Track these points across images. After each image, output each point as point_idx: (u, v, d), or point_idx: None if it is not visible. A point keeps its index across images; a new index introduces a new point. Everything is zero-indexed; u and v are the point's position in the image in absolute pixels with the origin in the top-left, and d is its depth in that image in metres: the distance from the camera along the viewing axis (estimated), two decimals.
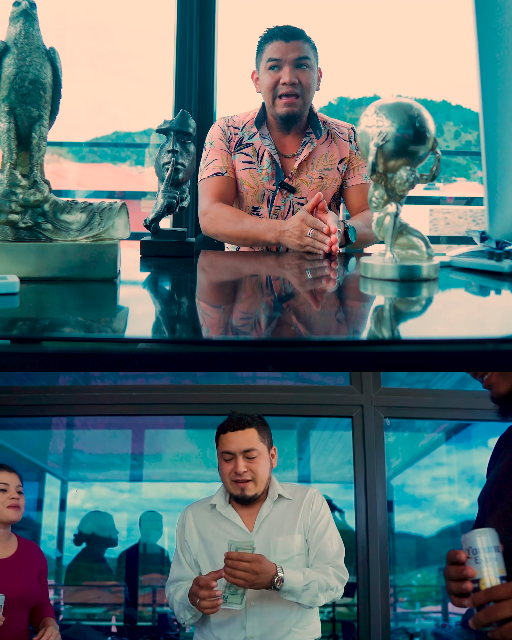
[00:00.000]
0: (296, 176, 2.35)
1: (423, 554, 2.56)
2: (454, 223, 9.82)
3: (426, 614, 2.57)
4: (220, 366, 1.04)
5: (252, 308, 1.33)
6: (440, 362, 1.07)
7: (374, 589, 2.24)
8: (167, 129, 1.86)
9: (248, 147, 2.37)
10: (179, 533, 1.73)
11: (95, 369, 1.03)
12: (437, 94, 9.88)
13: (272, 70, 2.29)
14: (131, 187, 7.05)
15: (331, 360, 1.06)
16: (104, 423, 2.52)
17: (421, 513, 2.52)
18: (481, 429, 2.57)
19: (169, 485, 2.55)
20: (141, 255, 1.85)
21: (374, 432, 2.33)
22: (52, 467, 2.53)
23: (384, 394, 2.37)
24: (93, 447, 2.54)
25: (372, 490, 2.29)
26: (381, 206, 1.53)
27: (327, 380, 2.46)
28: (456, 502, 2.53)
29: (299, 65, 2.28)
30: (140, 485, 2.57)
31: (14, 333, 1.08)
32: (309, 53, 2.31)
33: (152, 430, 2.56)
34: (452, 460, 2.60)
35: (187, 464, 2.54)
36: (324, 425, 2.51)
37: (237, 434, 1.67)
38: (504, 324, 1.25)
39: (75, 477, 2.54)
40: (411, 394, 2.41)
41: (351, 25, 8.97)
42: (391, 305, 1.34)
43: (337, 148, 2.37)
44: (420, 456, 2.59)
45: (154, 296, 1.49)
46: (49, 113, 1.49)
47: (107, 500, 2.38)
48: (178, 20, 3.19)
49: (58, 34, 2.09)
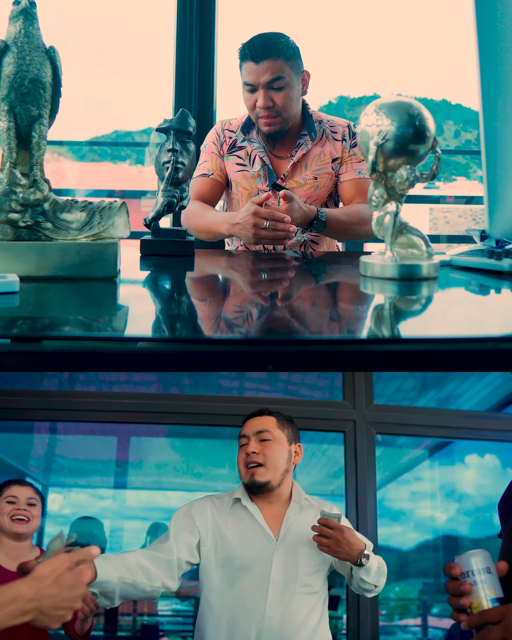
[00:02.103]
0: (289, 177, 2.36)
1: (402, 568, 2.57)
2: (454, 222, 9.82)
3: (403, 627, 2.57)
4: (220, 365, 1.05)
5: (251, 307, 1.33)
6: (440, 361, 1.07)
7: (364, 602, 2.23)
8: (167, 128, 1.86)
9: (241, 150, 2.40)
10: (184, 518, 1.55)
11: (95, 368, 1.03)
12: (437, 93, 9.89)
13: (249, 93, 2.29)
14: (131, 186, 7.05)
15: (330, 360, 1.06)
16: (88, 429, 2.51)
17: (400, 527, 2.53)
18: (463, 446, 2.58)
19: (149, 493, 2.54)
20: (141, 254, 1.85)
21: (366, 447, 2.35)
22: (33, 471, 2.52)
23: (377, 410, 2.39)
24: (75, 452, 2.52)
25: (362, 504, 2.30)
26: (381, 205, 1.53)
27: (316, 394, 2.47)
28: (434, 517, 2.55)
29: (272, 88, 2.25)
30: (121, 492, 2.55)
31: (14, 332, 1.08)
32: (284, 70, 2.25)
33: (135, 437, 2.55)
34: (434, 475, 2.61)
35: (169, 473, 2.53)
36: (309, 438, 2.50)
37: (255, 419, 1.64)
38: (504, 323, 1.25)
39: (56, 482, 2.52)
40: (402, 411, 2.43)
41: (351, 25, 8.96)
42: (391, 304, 1.34)
43: (331, 147, 2.37)
44: (403, 471, 2.60)
45: (154, 295, 1.49)
46: (48, 112, 1.48)
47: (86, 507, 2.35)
48: (178, 20, 3.19)
49: (58, 33, 2.09)
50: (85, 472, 2.51)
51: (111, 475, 2.53)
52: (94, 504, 2.52)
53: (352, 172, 2.38)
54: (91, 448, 2.52)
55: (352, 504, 2.30)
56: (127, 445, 2.53)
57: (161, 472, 2.52)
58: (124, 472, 2.54)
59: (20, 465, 2.50)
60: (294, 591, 1.48)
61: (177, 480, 2.50)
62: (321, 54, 2.26)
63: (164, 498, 2.51)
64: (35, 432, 2.50)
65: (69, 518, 2.49)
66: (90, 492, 2.52)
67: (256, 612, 1.46)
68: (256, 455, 1.58)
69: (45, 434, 2.51)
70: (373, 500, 2.31)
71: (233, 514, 1.56)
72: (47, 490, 2.51)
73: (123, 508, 2.52)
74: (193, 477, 2.50)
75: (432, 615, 2.54)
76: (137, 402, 2.34)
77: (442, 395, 2.50)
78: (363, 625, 2.23)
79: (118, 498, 2.53)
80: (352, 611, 2.25)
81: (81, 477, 2.50)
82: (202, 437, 2.53)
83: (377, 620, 2.25)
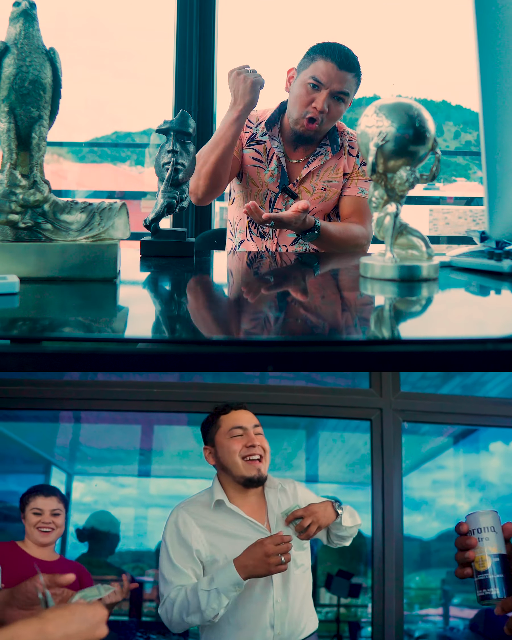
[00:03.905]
0: (300, 183, 2.35)
1: (423, 557, 2.56)
2: (454, 223, 9.81)
3: (424, 616, 2.57)
4: (220, 366, 1.04)
5: (251, 308, 1.33)
6: (440, 362, 1.07)
7: (389, 591, 2.25)
8: (167, 129, 1.86)
9: (260, 145, 2.38)
10: (175, 543, 1.53)
11: (95, 369, 1.03)
12: (437, 94, 9.87)
13: (310, 87, 2.27)
14: (131, 187, 7.04)
15: (330, 360, 1.05)
16: (111, 418, 2.52)
17: (421, 516, 2.52)
18: (487, 434, 2.57)
19: (170, 481, 2.55)
20: (141, 255, 1.85)
21: (392, 435, 2.34)
22: (59, 460, 2.54)
23: (403, 397, 2.38)
24: (99, 441, 2.54)
25: (389, 493, 2.31)
26: (380, 206, 1.53)
27: (340, 382, 2.45)
28: (457, 506, 2.54)
29: (335, 97, 2.28)
30: (145, 480, 2.56)
31: (14, 333, 1.08)
32: (352, 88, 2.30)
33: (158, 426, 2.56)
34: (457, 464, 2.61)
35: (192, 461, 2.53)
36: (333, 426, 2.51)
37: (242, 412, 1.64)
38: (504, 324, 1.25)
39: (81, 471, 2.55)
40: (429, 399, 2.42)
41: (351, 25, 8.96)
42: (391, 305, 1.34)
43: (345, 161, 2.37)
44: (425, 460, 2.60)
45: (154, 296, 1.49)
46: (49, 113, 1.49)
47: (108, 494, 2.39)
48: (178, 20, 3.20)
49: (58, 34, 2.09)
50: (108, 460, 2.53)
51: (135, 463, 2.55)
52: (116, 492, 2.54)
53: (355, 189, 2.38)
54: (115, 437, 2.54)
55: (378, 492, 2.31)
56: (150, 434, 2.55)
57: (184, 460, 2.54)
58: (147, 461, 2.55)
59: (46, 454, 2.52)
60: (293, 573, 1.55)
61: (199, 469, 2.51)
62: None
63: (185, 486, 2.52)
64: (60, 422, 2.51)
65: (90, 506, 2.52)
66: (113, 480, 2.54)
67: (265, 599, 1.52)
68: (258, 448, 1.59)
69: (70, 422, 2.53)
70: (399, 489, 2.32)
71: (218, 517, 1.56)
72: (72, 478, 2.54)
73: (145, 496, 2.54)
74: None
75: (453, 605, 2.55)
76: (160, 392, 2.34)
77: (467, 382, 2.48)
78: (388, 613, 2.25)
79: (141, 486, 2.55)
80: (377, 600, 2.26)
81: (105, 466, 2.52)
82: None
83: (402, 608, 2.27)
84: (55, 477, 2.53)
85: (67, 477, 2.54)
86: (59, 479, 2.54)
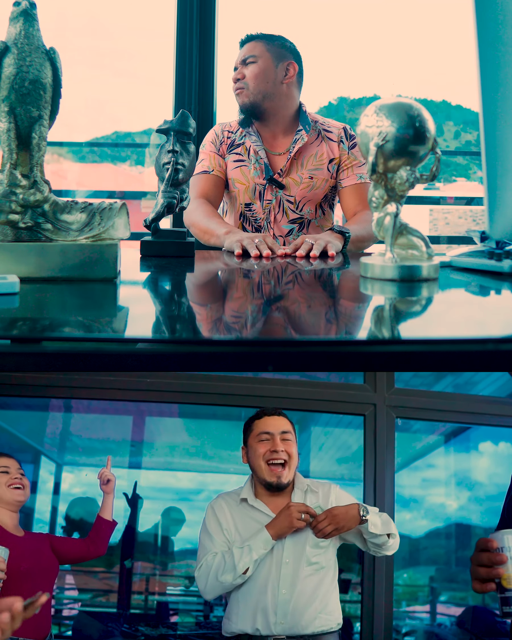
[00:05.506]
0: (286, 174, 2.38)
1: (412, 554, 2.57)
2: (454, 223, 9.81)
3: (411, 613, 2.57)
4: (220, 366, 1.04)
5: (251, 308, 1.33)
6: (440, 362, 1.07)
7: (379, 587, 2.25)
8: (167, 129, 1.86)
9: (240, 147, 2.43)
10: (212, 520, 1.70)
11: (95, 368, 1.03)
12: (437, 94, 9.88)
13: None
14: (131, 187, 7.05)
15: (330, 360, 1.06)
16: (103, 408, 2.51)
17: (410, 513, 2.53)
18: (478, 433, 2.58)
19: (160, 473, 2.55)
20: (141, 255, 1.85)
21: (386, 431, 2.34)
22: (48, 450, 2.53)
23: (397, 394, 2.38)
24: (90, 431, 2.53)
25: (380, 490, 2.30)
26: (381, 206, 1.53)
27: (332, 377, 2.46)
28: (445, 505, 2.54)
29: (244, 63, 2.40)
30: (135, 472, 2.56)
31: (14, 333, 1.08)
32: (257, 50, 2.40)
33: (150, 417, 2.56)
34: (448, 462, 2.61)
35: (182, 454, 2.53)
36: (325, 421, 2.51)
37: (274, 418, 1.74)
38: (504, 324, 1.25)
39: (71, 462, 2.54)
40: (423, 396, 2.42)
41: (351, 25, 8.96)
42: (391, 305, 1.34)
43: (327, 148, 2.40)
44: (416, 458, 2.60)
45: (154, 296, 1.49)
46: (49, 113, 1.49)
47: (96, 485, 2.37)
48: (178, 20, 3.19)
49: (58, 33, 2.09)
50: (99, 451, 2.53)
51: (126, 455, 2.55)
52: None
53: (354, 177, 2.39)
54: (106, 427, 2.54)
55: (370, 488, 2.31)
56: (142, 426, 2.55)
57: (174, 452, 2.54)
58: (138, 452, 2.56)
59: (35, 443, 2.51)
60: (304, 569, 1.64)
61: (189, 462, 2.53)
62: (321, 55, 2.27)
63: (175, 479, 2.53)
64: (50, 410, 2.51)
65: (79, 497, 2.51)
66: None
67: (273, 589, 1.63)
68: (283, 453, 1.69)
69: (61, 412, 2.52)
70: (391, 486, 2.32)
71: (243, 511, 1.71)
72: (61, 469, 2.53)
73: (137, 488, 2.54)
74: (204, 458, 2.51)
75: (440, 602, 2.55)
76: (152, 382, 2.33)
77: (459, 382, 2.50)
78: (378, 609, 2.25)
79: (131, 478, 2.55)
80: (367, 596, 2.27)
81: (95, 456, 2.52)
82: (216, 419, 2.54)
83: (391, 605, 2.28)
84: (44, 467, 2.51)
85: (56, 467, 2.53)
86: (48, 469, 2.52)
